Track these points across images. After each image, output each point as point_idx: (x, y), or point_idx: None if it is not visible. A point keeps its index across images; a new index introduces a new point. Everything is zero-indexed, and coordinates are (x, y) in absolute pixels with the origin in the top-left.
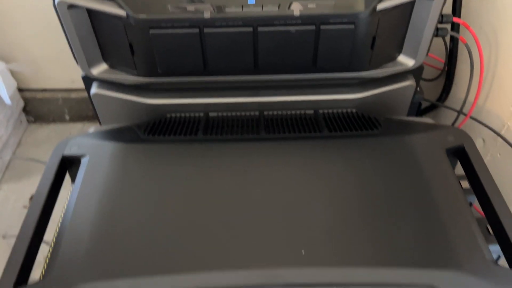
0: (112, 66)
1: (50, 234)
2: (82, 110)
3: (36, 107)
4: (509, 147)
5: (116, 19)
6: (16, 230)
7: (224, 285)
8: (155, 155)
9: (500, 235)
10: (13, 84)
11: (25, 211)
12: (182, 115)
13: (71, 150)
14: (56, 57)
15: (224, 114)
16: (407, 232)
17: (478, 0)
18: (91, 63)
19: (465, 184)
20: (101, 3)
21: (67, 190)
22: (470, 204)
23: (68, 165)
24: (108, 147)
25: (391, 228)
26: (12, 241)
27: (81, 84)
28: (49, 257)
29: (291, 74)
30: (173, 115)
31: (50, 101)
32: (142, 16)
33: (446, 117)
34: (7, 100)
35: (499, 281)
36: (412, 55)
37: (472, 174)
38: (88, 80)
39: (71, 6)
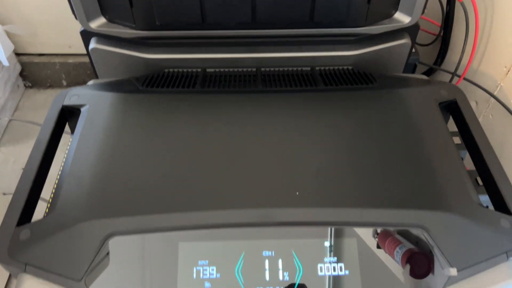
0: (110, 20)
1: (51, 184)
2: (79, 76)
3: (33, 72)
4: (501, 108)
5: None
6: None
7: (220, 223)
8: (153, 104)
9: (489, 185)
10: (10, 46)
11: None
12: (180, 70)
13: (70, 100)
14: (53, 22)
15: (222, 70)
16: (399, 177)
17: None
18: (89, 17)
19: (457, 140)
20: None
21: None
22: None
23: (68, 116)
24: (108, 97)
25: (383, 173)
26: None
27: (78, 50)
28: (51, 199)
29: (289, 29)
30: (171, 70)
31: (47, 65)
32: None
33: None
34: (4, 61)
35: (486, 222)
36: (408, 12)
37: (463, 127)
38: (86, 35)
39: None
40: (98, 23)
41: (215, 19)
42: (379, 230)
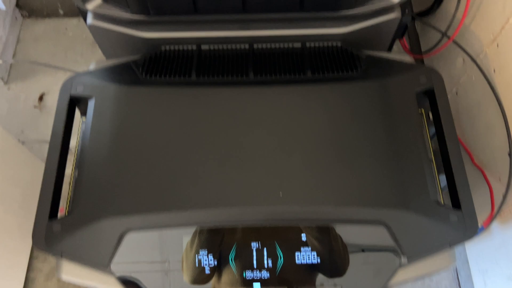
0: (105, 0)
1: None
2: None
3: (28, 1)
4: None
5: None
6: (30, 131)
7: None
8: (153, 98)
9: (447, 170)
10: None
11: (36, 110)
12: (176, 48)
13: (77, 91)
14: None
15: (216, 47)
16: (368, 178)
17: None
18: None
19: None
20: None
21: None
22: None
23: (76, 102)
24: (111, 90)
25: (352, 173)
26: (29, 146)
27: None
28: (71, 195)
29: (278, 13)
30: (168, 48)
31: None
32: None
33: (437, 22)
34: (1, 5)
35: (437, 217)
36: None
37: (436, 114)
38: (84, 12)
39: None
40: (94, 4)
41: (206, 5)
42: None
